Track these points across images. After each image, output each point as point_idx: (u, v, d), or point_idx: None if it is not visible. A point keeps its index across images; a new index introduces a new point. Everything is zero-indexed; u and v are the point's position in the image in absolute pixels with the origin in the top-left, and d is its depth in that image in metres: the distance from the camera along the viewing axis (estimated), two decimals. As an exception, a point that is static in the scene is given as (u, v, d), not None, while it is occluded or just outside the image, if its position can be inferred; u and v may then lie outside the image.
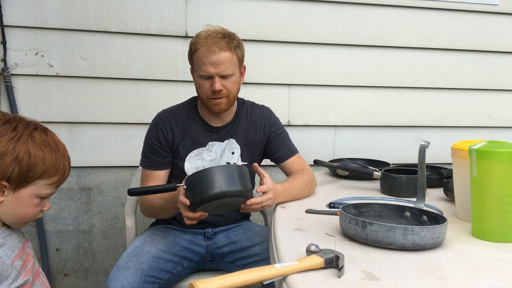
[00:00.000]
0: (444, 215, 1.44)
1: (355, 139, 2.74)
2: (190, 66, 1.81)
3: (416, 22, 2.70)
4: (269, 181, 1.55)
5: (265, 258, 1.69)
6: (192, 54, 1.72)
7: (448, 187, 1.70)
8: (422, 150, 1.42)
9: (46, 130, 1.18)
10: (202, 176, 1.37)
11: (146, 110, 2.42)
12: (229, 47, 1.69)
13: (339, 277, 0.97)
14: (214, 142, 1.81)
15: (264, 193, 1.52)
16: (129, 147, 2.44)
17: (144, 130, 2.44)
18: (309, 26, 2.58)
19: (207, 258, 1.80)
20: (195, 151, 1.79)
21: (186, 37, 2.44)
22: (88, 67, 2.36)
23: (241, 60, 1.76)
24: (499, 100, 2.88)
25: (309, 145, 2.66)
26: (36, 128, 1.15)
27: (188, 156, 1.79)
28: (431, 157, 2.77)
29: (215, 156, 1.80)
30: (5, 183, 1.09)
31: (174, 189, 1.49)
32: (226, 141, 1.82)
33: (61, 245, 2.46)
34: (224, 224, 1.85)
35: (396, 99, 2.75)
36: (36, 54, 2.30)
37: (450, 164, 1.52)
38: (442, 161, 2.65)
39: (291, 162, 1.87)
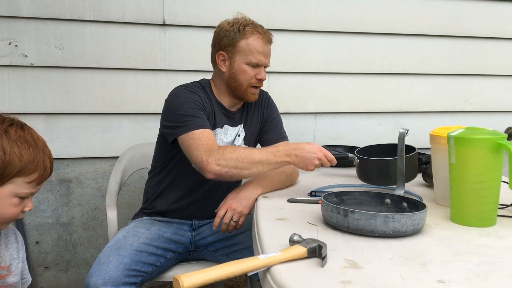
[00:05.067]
0: (424, 201, 1.47)
1: (335, 126, 2.75)
2: (220, 50, 1.77)
3: (394, 8, 2.71)
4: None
5: (248, 246, 1.69)
6: (238, 39, 1.71)
7: (427, 172, 1.73)
8: (401, 138, 1.43)
9: (23, 126, 1.13)
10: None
11: (125, 100, 2.39)
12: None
13: (322, 266, 0.98)
14: (228, 126, 1.83)
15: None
16: (108, 138, 2.41)
17: (123, 120, 2.43)
18: (288, 13, 2.56)
19: (191, 249, 1.80)
20: (214, 131, 1.77)
21: (164, 25, 2.40)
22: (63, 57, 2.31)
23: None
24: (475, 85, 2.92)
25: (289, 133, 2.62)
26: (12, 124, 1.09)
27: None
28: (410, 143, 2.80)
29: (230, 140, 1.82)
30: None
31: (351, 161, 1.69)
32: (238, 127, 1.85)
33: (41, 238, 2.43)
34: (211, 217, 1.84)
35: (375, 85, 2.77)
36: (10, 44, 2.24)
37: (429, 149, 1.55)
38: (421, 146, 2.68)
39: None
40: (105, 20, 2.33)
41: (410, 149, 1.54)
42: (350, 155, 1.73)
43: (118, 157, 2.16)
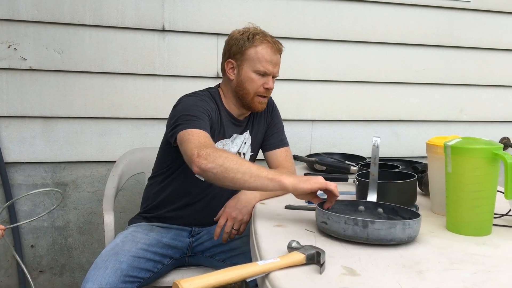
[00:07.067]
0: (420, 209, 1.49)
1: (331, 134, 2.77)
2: (229, 58, 1.76)
3: (391, 18, 2.73)
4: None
5: (245, 251, 1.70)
6: (247, 47, 1.71)
7: (423, 181, 1.74)
8: (375, 146, 1.46)
9: None
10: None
11: (123, 105, 2.40)
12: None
13: (320, 273, 0.99)
14: (236, 135, 1.84)
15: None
16: (105, 142, 2.41)
17: (120, 125, 2.43)
18: (287, 21, 2.58)
19: (187, 254, 1.80)
20: (222, 141, 1.79)
21: (163, 31, 2.41)
22: (62, 61, 2.32)
23: None
24: (470, 95, 2.95)
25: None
26: None
27: (215, 143, 1.73)
28: (405, 152, 2.83)
29: (237, 148, 1.83)
30: None
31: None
32: (244, 134, 1.86)
33: (36, 241, 2.42)
34: (212, 224, 1.84)
35: (371, 94, 2.79)
36: (9, 47, 2.24)
37: (424, 158, 1.56)
38: (416, 155, 2.71)
39: (278, 153, 1.89)
40: (104, 25, 2.34)
41: (410, 175, 1.56)
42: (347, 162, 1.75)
43: (115, 161, 2.16)
